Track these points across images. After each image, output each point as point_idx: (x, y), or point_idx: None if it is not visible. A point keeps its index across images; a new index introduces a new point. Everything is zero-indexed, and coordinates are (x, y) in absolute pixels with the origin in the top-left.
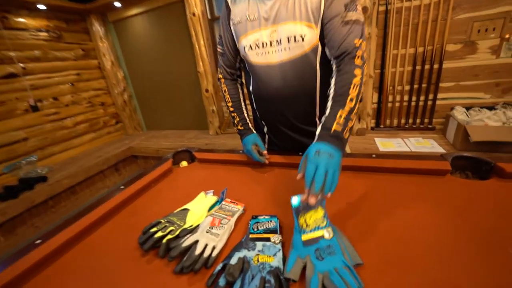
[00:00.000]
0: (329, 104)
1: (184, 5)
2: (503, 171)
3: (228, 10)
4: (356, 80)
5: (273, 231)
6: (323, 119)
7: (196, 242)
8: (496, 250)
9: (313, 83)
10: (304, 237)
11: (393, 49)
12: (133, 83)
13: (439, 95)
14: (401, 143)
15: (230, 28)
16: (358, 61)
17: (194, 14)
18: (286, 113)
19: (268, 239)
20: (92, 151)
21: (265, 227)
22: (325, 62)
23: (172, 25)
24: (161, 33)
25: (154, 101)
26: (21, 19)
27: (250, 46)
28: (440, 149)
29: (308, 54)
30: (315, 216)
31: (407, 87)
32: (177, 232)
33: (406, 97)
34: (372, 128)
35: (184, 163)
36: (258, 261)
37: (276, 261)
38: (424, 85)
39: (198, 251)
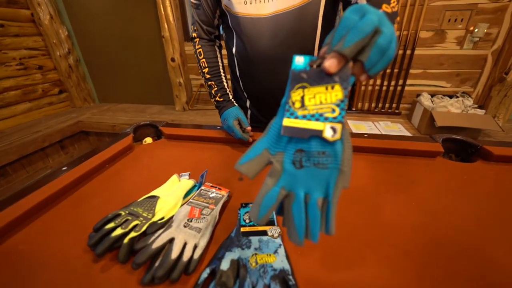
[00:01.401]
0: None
1: None
2: (490, 153)
3: None
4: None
5: (269, 222)
6: None
7: (171, 240)
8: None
9: (311, 42)
10: (288, 121)
11: None
12: (81, 45)
13: (408, 81)
14: (372, 126)
15: None
16: None
17: None
18: (276, 79)
19: (264, 233)
20: (28, 125)
21: None
22: (330, 15)
23: None
24: None
25: (108, 69)
26: None
27: None
28: (406, 133)
29: (311, 2)
30: (324, 97)
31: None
32: (144, 228)
33: (378, 82)
34: None
35: (148, 140)
36: (256, 262)
37: (278, 261)
38: (396, 70)
39: (175, 253)
